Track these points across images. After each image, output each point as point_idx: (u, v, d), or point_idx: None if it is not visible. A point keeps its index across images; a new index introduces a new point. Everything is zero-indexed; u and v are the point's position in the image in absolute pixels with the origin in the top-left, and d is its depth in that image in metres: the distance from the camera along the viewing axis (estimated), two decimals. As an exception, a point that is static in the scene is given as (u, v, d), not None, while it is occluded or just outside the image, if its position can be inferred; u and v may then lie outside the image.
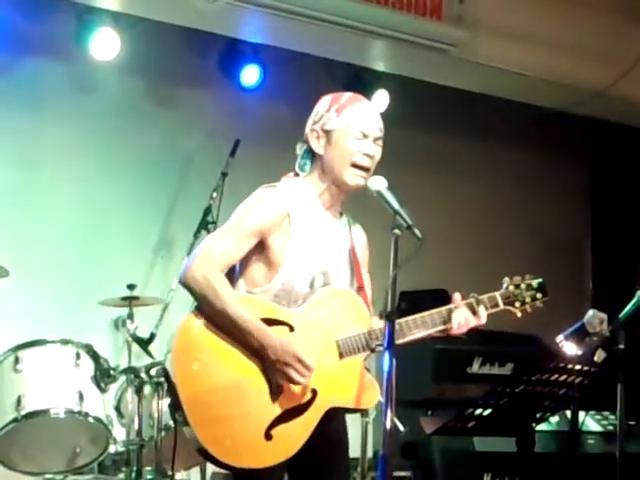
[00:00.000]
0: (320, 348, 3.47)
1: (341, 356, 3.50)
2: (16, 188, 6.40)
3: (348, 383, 3.50)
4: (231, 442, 3.36)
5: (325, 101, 3.63)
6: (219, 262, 3.44)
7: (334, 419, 3.50)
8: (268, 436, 3.37)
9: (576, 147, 8.73)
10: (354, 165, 3.54)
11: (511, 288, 3.71)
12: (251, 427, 3.37)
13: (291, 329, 3.46)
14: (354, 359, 3.51)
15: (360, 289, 3.63)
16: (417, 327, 3.57)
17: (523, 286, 3.73)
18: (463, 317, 3.61)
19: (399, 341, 3.44)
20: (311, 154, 3.63)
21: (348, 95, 3.65)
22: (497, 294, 3.69)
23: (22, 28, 6.36)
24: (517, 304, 3.71)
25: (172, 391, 3.41)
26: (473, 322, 3.63)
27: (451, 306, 3.63)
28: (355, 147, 3.54)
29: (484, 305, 3.65)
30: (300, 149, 3.65)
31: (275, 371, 3.40)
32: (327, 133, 3.57)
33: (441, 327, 3.62)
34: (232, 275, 3.51)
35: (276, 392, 3.41)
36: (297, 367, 3.38)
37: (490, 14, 7.11)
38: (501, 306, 3.69)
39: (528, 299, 3.72)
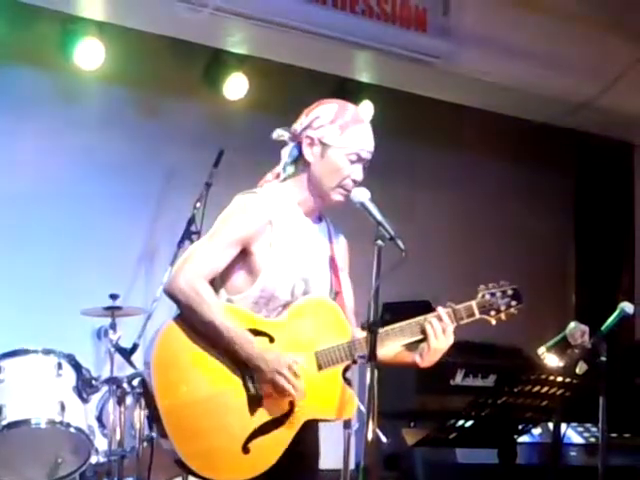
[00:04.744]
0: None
1: (320, 368, 3.47)
2: (-3, 197, 6.38)
3: (325, 394, 3.47)
4: (209, 456, 3.33)
5: (329, 110, 3.54)
6: (205, 271, 3.41)
7: (307, 430, 3.47)
8: (245, 449, 3.35)
9: (560, 159, 8.75)
10: (341, 186, 3.52)
11: (487, 297, 3.62)
12: (229, 441, 3.35)
13: (271, 340, 3.43)
14: (332, 370, 3.48)
15: (337, 294, 3.60)
16: (395, 336, 3.52)
17: (498, 294, 3.64)
18: (440, 327, 3.54)
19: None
20: (298, 156, 3.58)
21: (353, 111, 3.57)
22: (473, 303, 3.61)
23: (6, 36, 6.32)
24: (492, 312, 3.62)
25: (150, 402, 3.38)
26: (450, 328, 3.56)
27: (428, 316, 3.55)
28: (347, 170, 3.50)
29: (460, 315, 3.58)
30: (287, 147, 3.60)
31: (262, 382, 3.37)
32: (323, 145, 3.51)
33: (419, 337, 3.56)
34: (213, 283, 3.46)
35: (254, 404, 3.39)
36: (290, 379, 3.36)
37: (474, 27, 7.14)
38: (477, 315, 3.61)
39: (503, 307, 3.63)
